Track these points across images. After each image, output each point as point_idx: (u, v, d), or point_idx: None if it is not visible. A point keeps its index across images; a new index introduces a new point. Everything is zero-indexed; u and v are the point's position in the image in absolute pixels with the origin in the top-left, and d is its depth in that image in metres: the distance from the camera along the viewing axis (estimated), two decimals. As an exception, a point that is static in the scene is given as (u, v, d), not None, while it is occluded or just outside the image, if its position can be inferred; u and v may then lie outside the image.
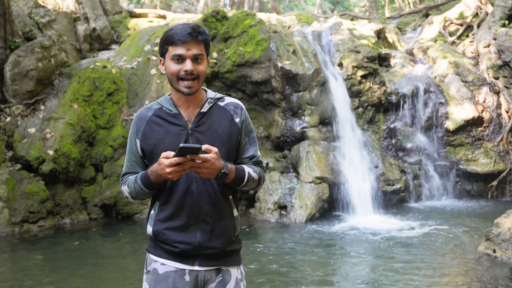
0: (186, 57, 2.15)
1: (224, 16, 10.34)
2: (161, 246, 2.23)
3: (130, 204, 8.29)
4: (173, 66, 2.17)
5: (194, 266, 2.20)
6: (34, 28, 9.77)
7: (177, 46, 2.14)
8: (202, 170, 2.03)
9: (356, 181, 8.69)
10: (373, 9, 17.25)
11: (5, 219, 7.36)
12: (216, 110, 2.27)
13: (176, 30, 2.16)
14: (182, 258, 2.19)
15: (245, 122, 2.31)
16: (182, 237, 2.18)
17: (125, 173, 2.32)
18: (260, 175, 2.32)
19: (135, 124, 2.29)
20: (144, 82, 9.29)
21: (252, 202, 8.61)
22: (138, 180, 2.19)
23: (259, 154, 2.37)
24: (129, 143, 2.31)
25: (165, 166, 2.00)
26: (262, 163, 2.39)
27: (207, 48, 2.23)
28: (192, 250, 2.18)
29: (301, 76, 9.60)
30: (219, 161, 2.05)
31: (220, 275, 2.24)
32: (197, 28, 2.17)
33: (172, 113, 2.24)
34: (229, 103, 2.31)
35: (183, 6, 23.57)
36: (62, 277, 5.61)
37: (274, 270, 5.75)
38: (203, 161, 2.00)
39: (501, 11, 11.61)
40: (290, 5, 31.81)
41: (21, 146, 8.10)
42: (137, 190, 2.20)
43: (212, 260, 2.21)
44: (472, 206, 9.22)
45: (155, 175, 2.09)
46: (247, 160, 2.33)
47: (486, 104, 10.21)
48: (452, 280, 5.35)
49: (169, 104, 2.26)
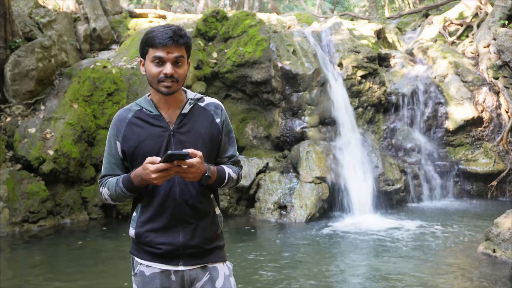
0: (167, 60, 2.14)
1: (224, 16, 10.35)
2: (144, 249, 2.23)
3: (130, 204, 8.29)
4: (153, 68, 2.16)
5: (179, 266, 2.21)
6: (35, 28, 9.78)
7: (158, 48, 2.14)
8: (188, 175, 2.05)
9: (356, 181, 8.69)
10: (373, 9, 17.26)
11: (5, 219, 7.36)
12: (197, 111, 2.29)
13: (157, 33, 2.15)
14: (166, 259, 2.21)
15: (225, 122, 2.33)
16: (164, 238, 2.19)
17: (104, 175, 2.31)
18: (239, 175, 2.38)
19: (115, 125, 2.27)
20: (144, 82, 9.30)
21: (252, 202, 8.61)
22: (120, 183, 2.18)
23: (237, 153, 2.42)
24: (108, 145, 2.29)
25: (150, 171, 2.00)
26: (240, 163, 2.44)
27: (188, 51, 2.23)
28: (175, 250, 2.19)
29: (301, 76, 9.61)
30: (203, 164, 2.08)
31: (208, 272, 2.25)
32: (178, 32, 2.16)
33: (153, 114, 2.23)
34: (209, 103, 2.33)
35: (183, 6, 23.58)
36: (62, 277, 5.62)
37: (274, 270, 5.75)
38: (189, 166, 2.02)
39: (500, 11, 11.62)
40: (290, 5, 31.82)
41: (22, 146, 8.10)
42: (118, 193, 2.20)
43: (196, 259, 2.23)
44: (472, 206, 9.22)
45: (139, 179, 2.10)
46: (226, 159, 2.36)
47: (485, 104, 10.22)
48: (452, 280, 5.36)
49: (149, 105, 2.26)
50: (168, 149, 2.16)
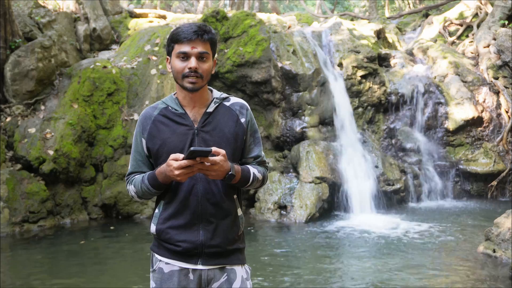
0: (191, 55, 2.16)
1: (224, 16, 10.35)
2: (164, 246, 2.23)
3: (130, 204, 8.30)
4: (178, 63, 2.18)
5: (197, 265, 2.20)
6: (35, 28, 9.78)
7: (183, 44, 2.15)
8: (211, 173, 2.05)
9: (356, 181, 8.69)
10: (373, 9, 17.25)
11: (5, 219, 7.36)
12: (222, 110, 2.28)
13: (183, 29, 2.17)
14: (185, 257, 2.20)
15: (250, 122, 2.33)
16: (185, 236, 2.19)
17: (130, 172, 2.32)
18: (264, 175, 2.34)
19: (141, 123, 2.29)
20: (144, 82, 9.30)
21: (252, 202, 8.61)
22: (145, 180, 2.19)
23: (263, 154, 2.39)
24: (135, 142, 2.31)
25: (174, 168, 2.01)
26: (266, 163, 2.41)
27: (213, 48, 2.23)
28: (194, 248, 2.19)
29: (301, 76, 9.61)
30: (227, 163, 2.07)
31: (225, 274, 2.24)
32: (203, 27, 2.18)
33: (178, 112, 2.24)
34: (234, 103, 2.33)
35: (183, 6, 23.58)
36: (62, 277, 5.62)
37: (274, 270, 5.75)
38: (212, 163, 2.01)
39: (500, 11, 11.62)
40: (290, 5, 31.82)
41: (22, 146, 8.10)
42: (144, 190, 2.21)
43: (215, 259, 2.22)
44: (472, 206, 9.22)
45: (163, 176, 2.11)
46: (252, 160, 2.34)
47: (486, 104, 10.22)
48: (452, 280, 5.35)
49: (175, 103, 2.26)
50: (192, 147, 2.16)
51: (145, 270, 4.91)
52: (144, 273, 5.24)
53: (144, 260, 5.81)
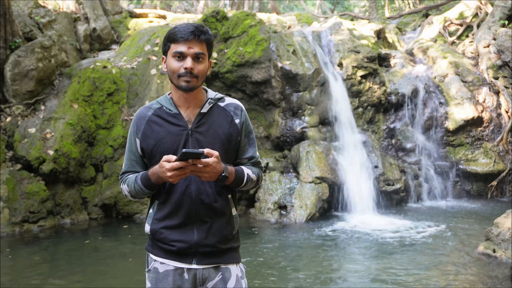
0: (187, 55, 2.15)
1: (224, 16, 10.35)
2: (159, 245, 2.24)
3: (130, 204, 8.30)
4: (174, 63, 2.17)
5: (192, 265, 2.21)
6: (35, 28, 9.78)
7: (179, 43, 2.15)
8: (203, 174, 2.05)
9: (356, 181, 8.69)
10: (373, 9, 17.26)
11: (5, 219, 7.36)
12: (216, 110, 2.28)
13: (180, 28, 2.17)
14: (179, 257, 2.21)
15: (245, 123, 2.32)
16: (179, 235, 2.20)
17: (124, 172, 2.34)
18: (259, 176, 2.34)
19: (135, 123, 2.29)
20: (144, 82, 9.30)
21: (252, 202, 8.61)
22: (139, 180, 2.20)
23: (257, 155, 2.39)
24: (129, 142, 2.32)
25: (166, 169, 2.01)
26: (260, 164, 2.41)
27: (210, 48, 2.23)
28: (189, 248, 2.20)
29: (301, 76, 9.61)
30: (220, 164, 2.07)
31: (220, 273, 2.25)
32: (200, 28, 2.18)
33: (172, 113, 2.24)
34: (229, 103, 2.32)
35: (183, 6, 23.58)
36: (62, 277, 5.62)
37: (274, 270, 5.75)
38: (205, 165, 2.01)
39: (500, 11, 11.62)
40: (290, 5, 31.82)
41: (22, 146, 8.10)
42: (137, 190, 2.22)
43: (209, 258, 2.22)
44: (472, 206, 9.22)
45: (156, 177, 2.11)
46: (246, 160, 2.34)
47: (486, 104, 10.22)
48: (452, 280, 5.36)
49: (169, 103, 2.26)
50: (186, 148, 2.16)
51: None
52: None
53: (144, 260, 5.80)
